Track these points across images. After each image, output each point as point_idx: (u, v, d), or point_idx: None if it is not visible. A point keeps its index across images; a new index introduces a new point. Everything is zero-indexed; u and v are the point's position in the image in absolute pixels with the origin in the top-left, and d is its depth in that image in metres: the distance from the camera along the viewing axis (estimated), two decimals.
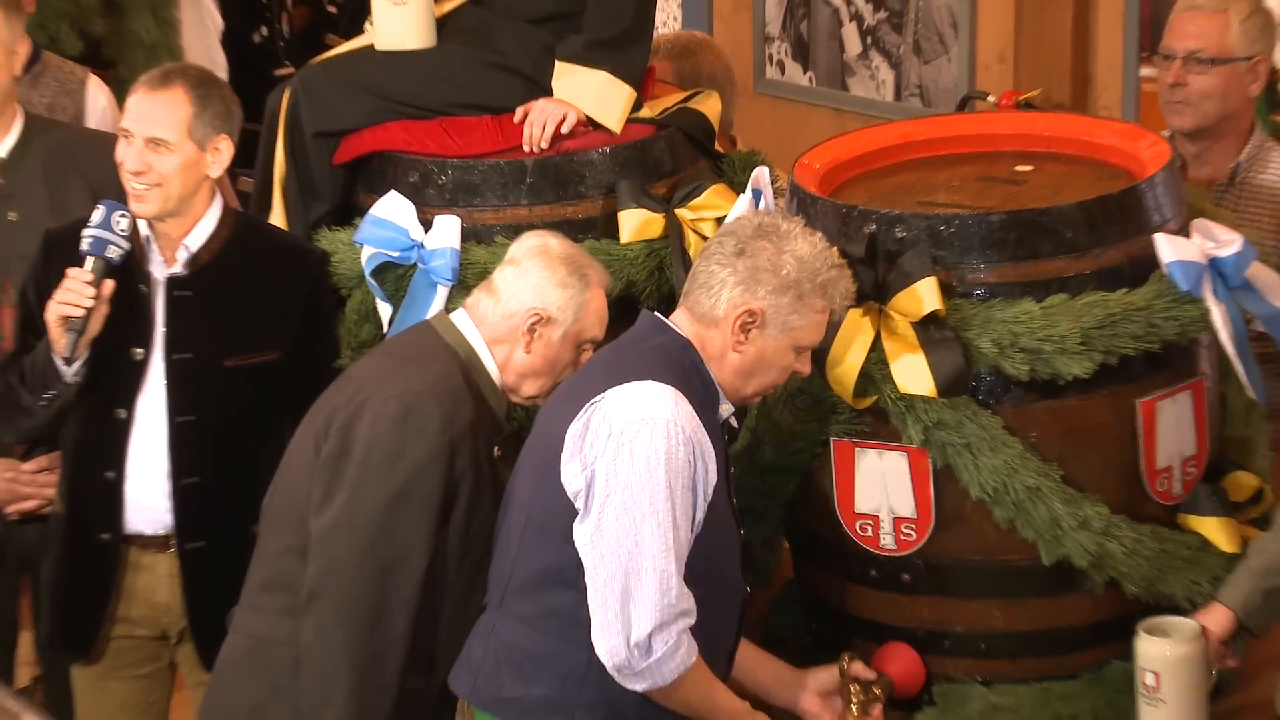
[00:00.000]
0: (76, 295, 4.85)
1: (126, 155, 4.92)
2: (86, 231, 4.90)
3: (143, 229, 4.97)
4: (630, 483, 4.20)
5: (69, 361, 4.88)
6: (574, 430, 4.28)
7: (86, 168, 5.29)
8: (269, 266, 5.05)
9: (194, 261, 4.98)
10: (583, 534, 4.26)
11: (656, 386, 4.25)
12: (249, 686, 4.66)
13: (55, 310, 4.87)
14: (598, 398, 4.27)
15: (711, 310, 4.34)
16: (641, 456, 4.20)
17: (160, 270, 4.99)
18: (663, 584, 4.19)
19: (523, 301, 4.58)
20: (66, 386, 4.91)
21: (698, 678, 4.28)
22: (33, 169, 5.33)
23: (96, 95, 5.88)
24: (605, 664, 4.23)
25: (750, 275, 4.31)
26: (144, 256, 4.97)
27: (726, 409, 4.40)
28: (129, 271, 4.94)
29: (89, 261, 4.88)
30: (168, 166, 4.90)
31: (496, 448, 4.60)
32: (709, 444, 4.28)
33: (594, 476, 4.24)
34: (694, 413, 4.26)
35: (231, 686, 4.70)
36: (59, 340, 4.87)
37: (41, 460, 5.29)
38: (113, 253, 4.89)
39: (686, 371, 4.32)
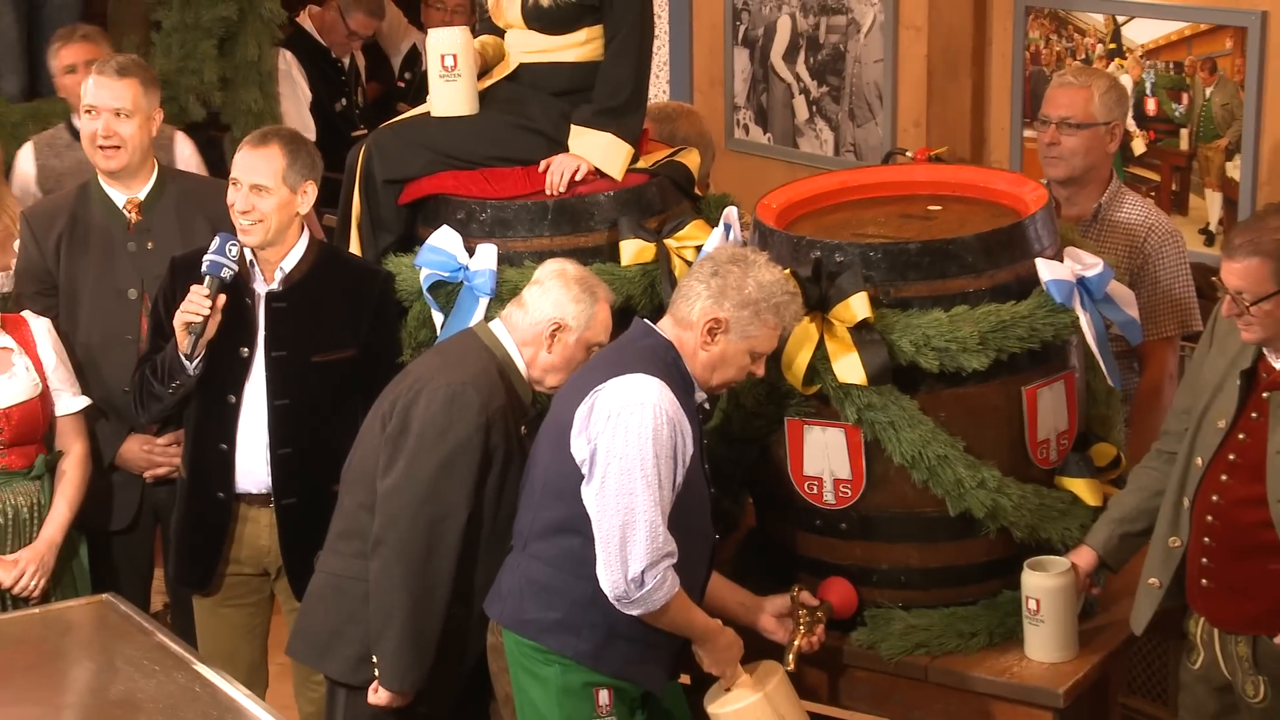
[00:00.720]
0: (197, 306, 4.82)
1: (236, 198, 4.88)
2: (205, 257, 4.85)
3: (248, 255, 4.93)
4: (626, 454, 4.18)
5: (190, 358, 4.84)
6: (581, 411, 4.25)
7: (206, 207, 5.25)
8: (346, 283, 5.00)
9: (288, 280, 4.95)
10: (589, 494, 4.24)
11: (645, 378, 4.23)
12: (331, 613, 4.65)
13: (180, 318, 4.83)
14: (600, 386, 4.25)
15: (687, 316, 4.32)
16: (634, 434, 4.18)
17: (261, 287, 4.95)
18: (652, 533, 4.17)
19: (546, 313, 4.55)
20: (189, 378, 4.87)
21: (680, 604, 4.27)
22: (166, 209, 5.30)
23: (183, 147, 5.89)
24: (608, 595, 4.22)
25: (720, 291, 4.29)
26: (249, 276, 4.94)
27: (701, 396, 4.37)
28: (237, 288, 4.90)
29: (207, 280, 4.84)
30: (267, 206, 4.86)
31: (523, 427, 4.57)
32: (687, 423, 4.26)
33: (596, 448, 4.22)
34: (675, 398, 4.24)
35: (318, 613, 4.68)
36: (183, 340, 4.83)
37: (170, 435, 5.25)
38: (225, 273, 4.85)
39: (669, 366, 4.29)
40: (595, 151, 5.10)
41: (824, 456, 4.59)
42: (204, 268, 4.85)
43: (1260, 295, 4.13)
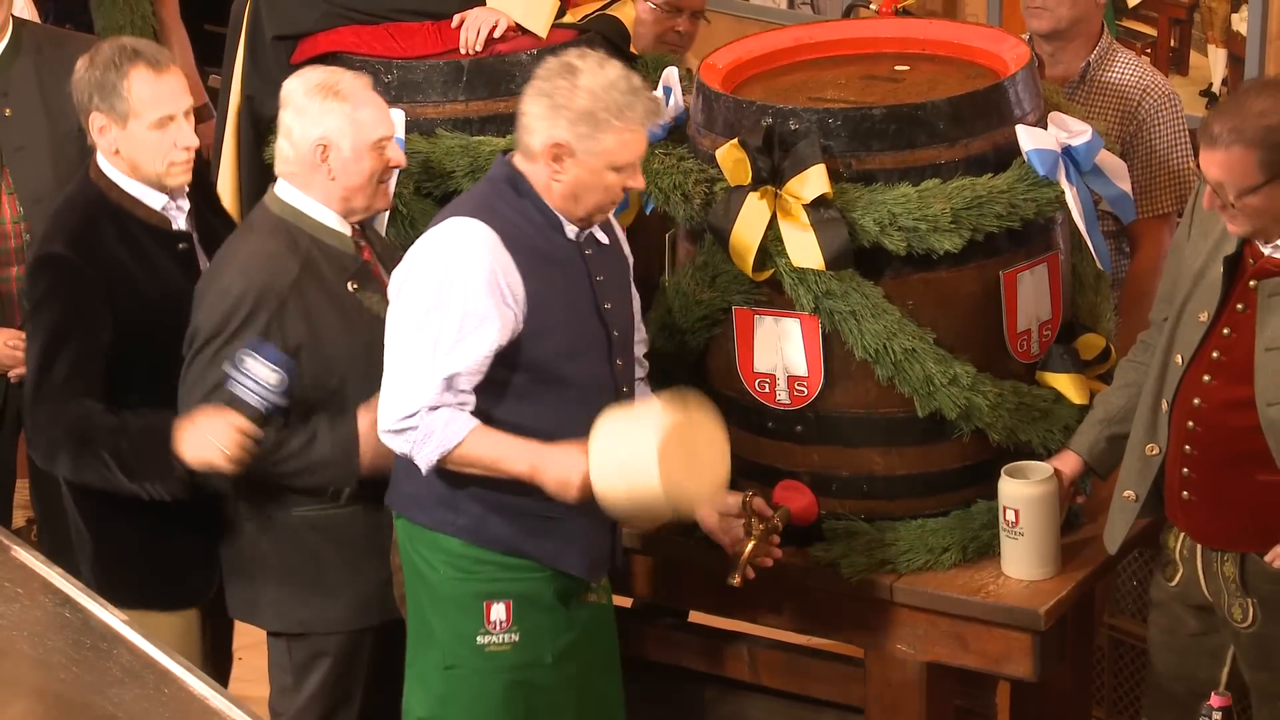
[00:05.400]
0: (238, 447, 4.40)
1: (180, 135, 4.58)
2: (241, 382, 4.39)
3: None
4: (417, 299, 4.22)
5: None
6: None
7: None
8: None
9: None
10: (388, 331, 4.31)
11: (466, 222, 4.24)
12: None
13: (210, 457, 4.41)
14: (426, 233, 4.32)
15: (529, 148, 4.29)
16: (427, 280, 4.22)
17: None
18: (420, 383, 4.20)
19: (306, 138, 4.46)
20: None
21: (470, 448, 4.24)
22: (25, 69, 5.21)
23: None
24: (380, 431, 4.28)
25: (551, 112, 4.24)
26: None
27: (572, 230, 4.33)
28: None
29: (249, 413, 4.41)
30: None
31: (352, 282, 4.52)
32: (515, 272, 4.22)
33: (400, 286, 4.28)
34: (501, 245, 4.22)
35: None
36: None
37: None
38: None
39: (510, 203, 4.28)
40: (516, 4, 5.08)
41: (777, 350, 4.59)
42: (253, 402, 4.40)
43: (1245, 188, 4.09)
